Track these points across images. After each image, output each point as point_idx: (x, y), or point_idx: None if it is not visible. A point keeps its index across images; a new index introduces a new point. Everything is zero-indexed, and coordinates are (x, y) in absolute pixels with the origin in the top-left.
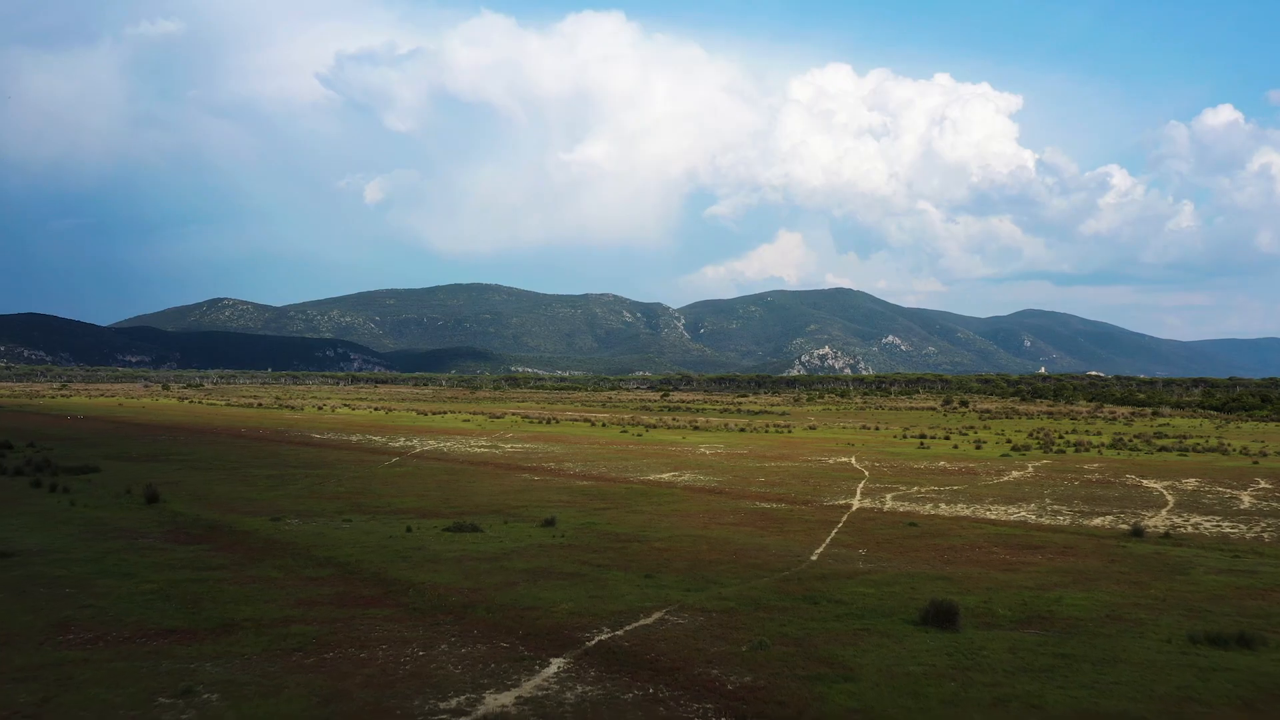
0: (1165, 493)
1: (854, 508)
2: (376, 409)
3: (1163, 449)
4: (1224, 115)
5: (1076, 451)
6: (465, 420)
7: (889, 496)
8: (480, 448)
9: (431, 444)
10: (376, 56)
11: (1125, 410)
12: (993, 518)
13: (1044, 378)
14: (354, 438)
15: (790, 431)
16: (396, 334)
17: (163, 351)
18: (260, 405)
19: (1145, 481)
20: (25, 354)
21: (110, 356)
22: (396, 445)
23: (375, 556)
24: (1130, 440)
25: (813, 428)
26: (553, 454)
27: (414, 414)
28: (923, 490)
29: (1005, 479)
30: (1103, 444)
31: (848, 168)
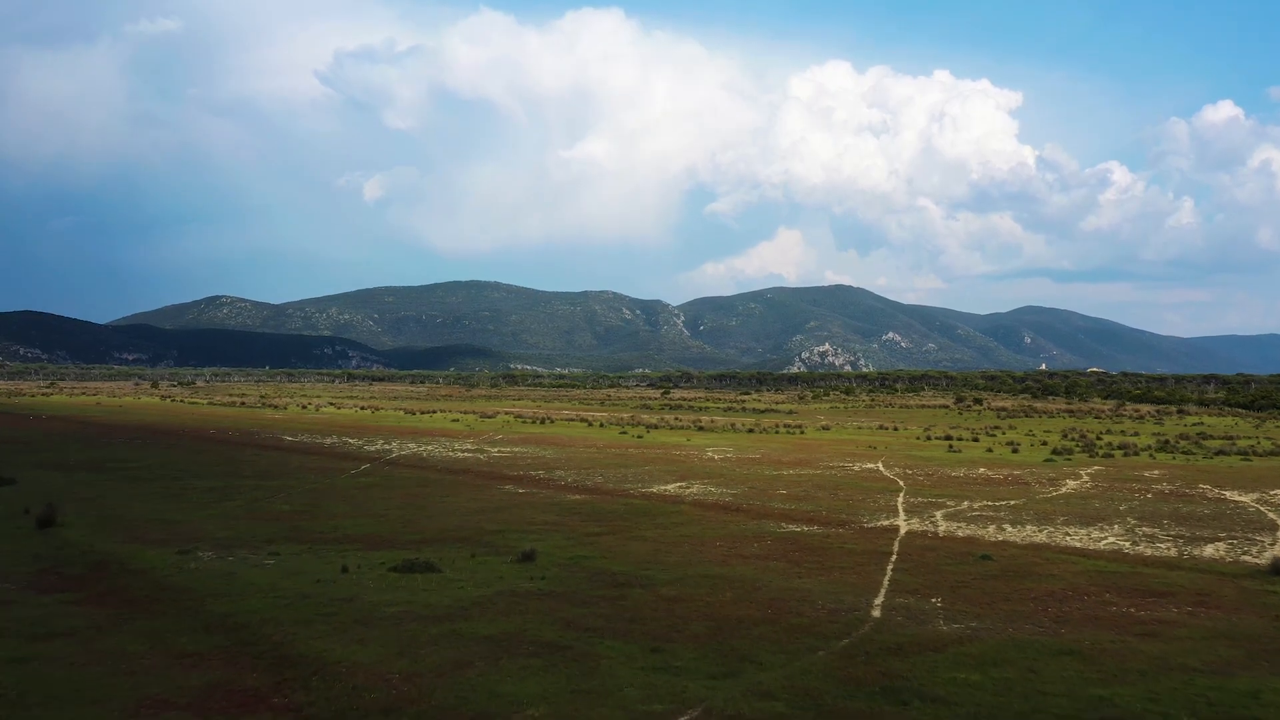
0: (1263, 509)
1: (902, 531)
2: (363, 408)
3: (1219, 453)
4: (1224, 111)
5: (1125, 455)
6: (454, 420)
7: (939, 515)
8: (464, 452)
9: (411, 447)
10: (375, 54)
11: (1149, 409)
12: (1077, 545)
13: (1050, 374)
14: (328, 440)
15: (803, 432)
16: (395, 332)
17: (160, 350)
18: (243, 404)
19: (1227, 494)
20: (21, 352)
21: (107, 355)
22: (372, 449)
23: (288, 615)
24: (1176, 442)
25: (826, 428)
26: (543, 460)
27: (401, 413)
28: (975, 506)
29: (1063, 490)
30: (1150, 447)
31: (847, 165)
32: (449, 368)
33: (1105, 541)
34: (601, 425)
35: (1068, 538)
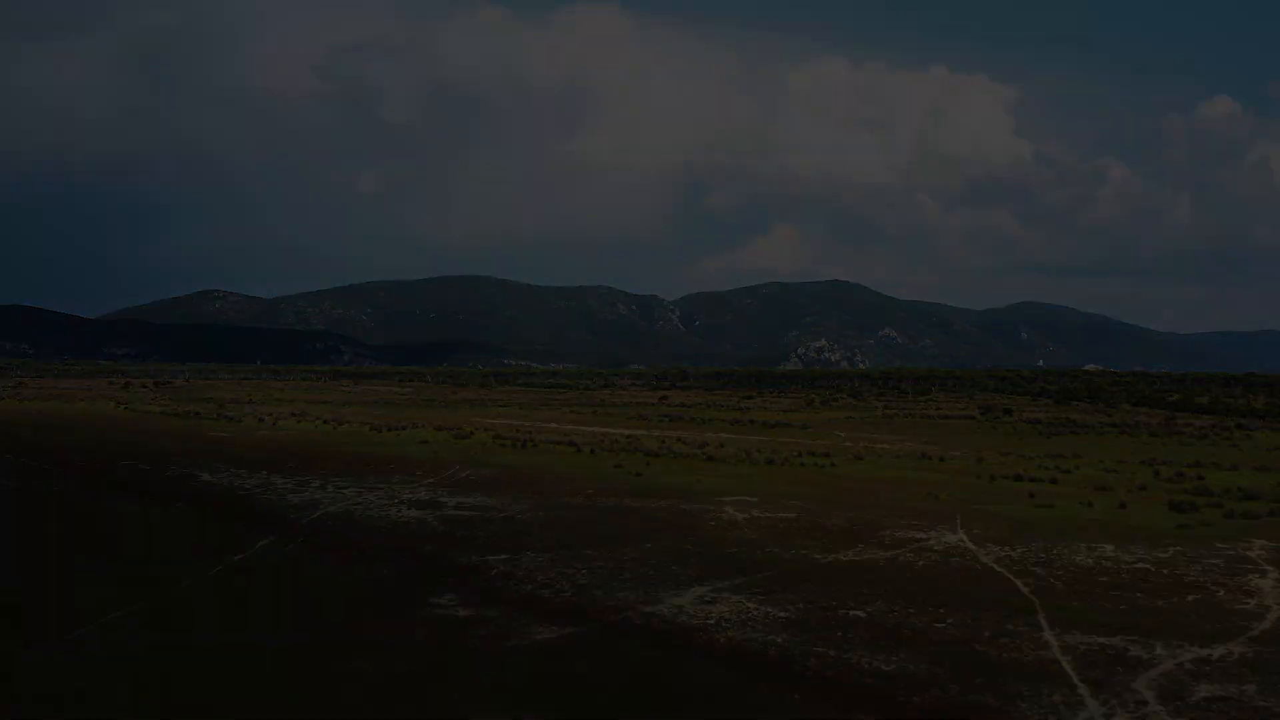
0: None
1: None
2: (328, 421)
3: None
4: (1221, 107)
5: (1273, 516)
6: (422, 442)
7: (1152, 700)
8: (412, 507)
9: (349, 495)
10: (371, 48)
11: (1205, 422)
12: None
13: (1060, 373)
14: (253, 480)
15: (833, 464)
16: (389, 326)
17: (149, 345)
18: (196, 414)
19: None
20: (8, 347)
21: (96, 349)
22: (296, 500)
23: None
24: None
25: (859, 458)
26: (512, 524)
27: (368, 428)
28: (1185, 662)
29: (1273, 606)
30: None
31: (844, 160)
32: (442, 363)
33: None
34: (592, 451)
35: None
